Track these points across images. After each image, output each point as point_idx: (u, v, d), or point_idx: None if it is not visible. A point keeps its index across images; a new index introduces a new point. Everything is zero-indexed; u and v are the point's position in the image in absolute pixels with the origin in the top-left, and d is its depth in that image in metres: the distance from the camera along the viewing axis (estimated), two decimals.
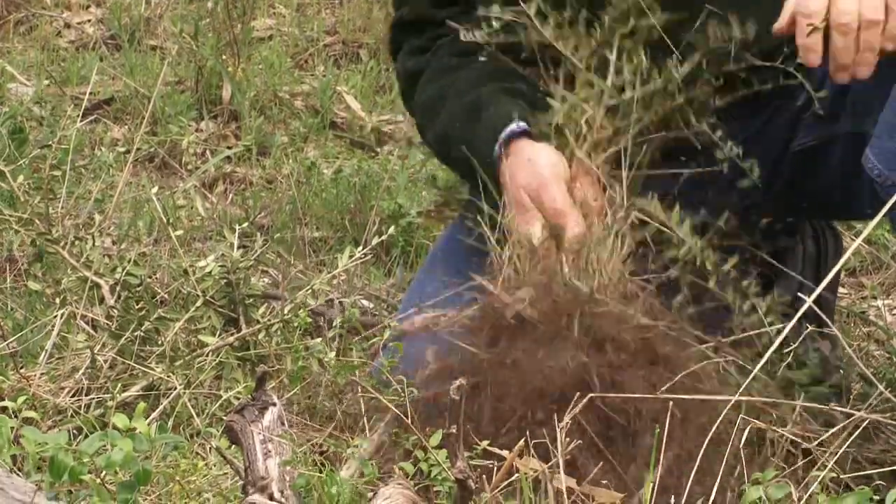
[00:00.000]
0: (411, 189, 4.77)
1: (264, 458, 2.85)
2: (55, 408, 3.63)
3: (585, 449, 3.39)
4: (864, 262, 4.02)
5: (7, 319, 3.87)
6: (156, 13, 6.53)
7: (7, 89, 5.31)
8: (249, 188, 5.19)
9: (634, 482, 3.36)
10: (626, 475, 3.47)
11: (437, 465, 3.09)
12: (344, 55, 6.25)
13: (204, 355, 3.86)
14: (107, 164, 4.58)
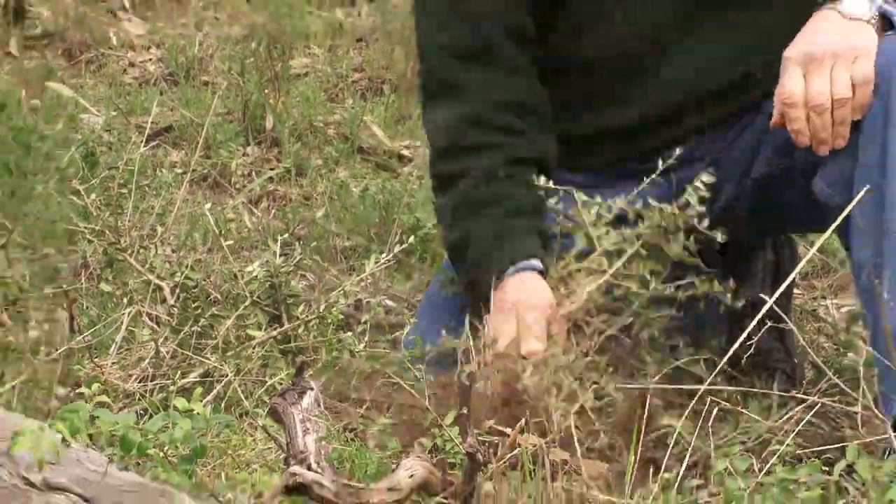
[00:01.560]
0: (427, 205, 4.75)
1: (303, 435, 2.85)
2: (124, 392, 3.70)
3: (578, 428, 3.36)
4: (816, 267, 4.06)
5: (83, 317, 3.91)
6: (207, 53, 6.54)
7: (80, 119, 5.35)
8: (289, 204, 5.19)
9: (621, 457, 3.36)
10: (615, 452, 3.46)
11: (450, 441, 3.11)
12: (369, 89, 6.24)
13: (251, 347, 3.92)
14: (166, 184, 4.64)
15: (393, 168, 5.21)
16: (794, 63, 3.53)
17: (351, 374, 3.79)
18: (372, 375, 3.81)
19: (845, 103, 3.49)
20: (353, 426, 3.55)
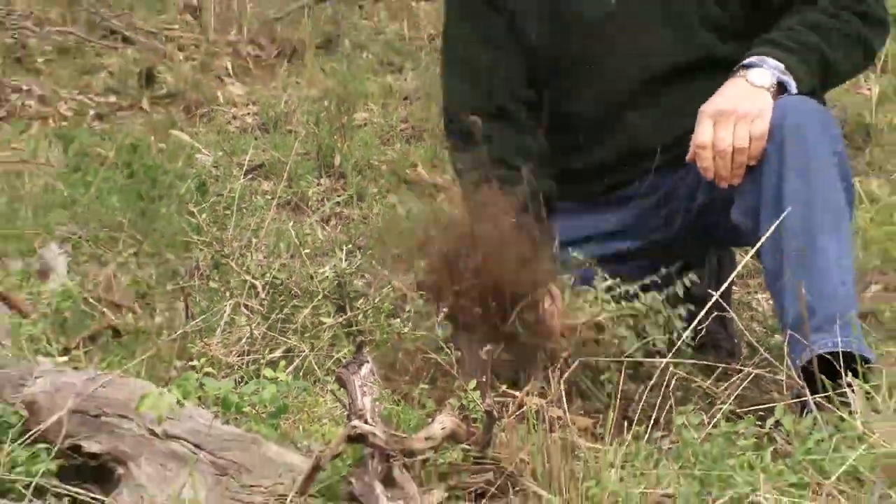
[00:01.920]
0: None
1: (361, 397, 2.82)
2: (226, 364, 3.68)
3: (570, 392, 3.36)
4: (749, 269, 4.06)
5: (195, 307, 3.90)
6: (291, 109, 6.53)
7: (195, 158, 5.35)
8: (351, 222, 5.18)
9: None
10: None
11: (473, 402, 3.04)
12: (413, 136, 6.23)
13: (323, 330, 3.88)
14: (259, 207, 4.61)
15: (430, 195, 5.20)
16: (707, 115, 3.52)
17: (398, 350, 3.78)
18: (414, 352, 3.79)
19: (743, 152, 3.49)
20: (400, 390, 3.51)
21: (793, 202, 3.43)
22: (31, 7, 8.01)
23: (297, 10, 7.88)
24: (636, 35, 3.78)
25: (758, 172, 3.51)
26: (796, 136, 3.48)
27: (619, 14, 3.77)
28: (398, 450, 2.75)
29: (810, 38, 3.59)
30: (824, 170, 3.49)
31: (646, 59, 3.79)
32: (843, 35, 3.62)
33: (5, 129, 6.47)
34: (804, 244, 3.42)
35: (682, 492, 2.78)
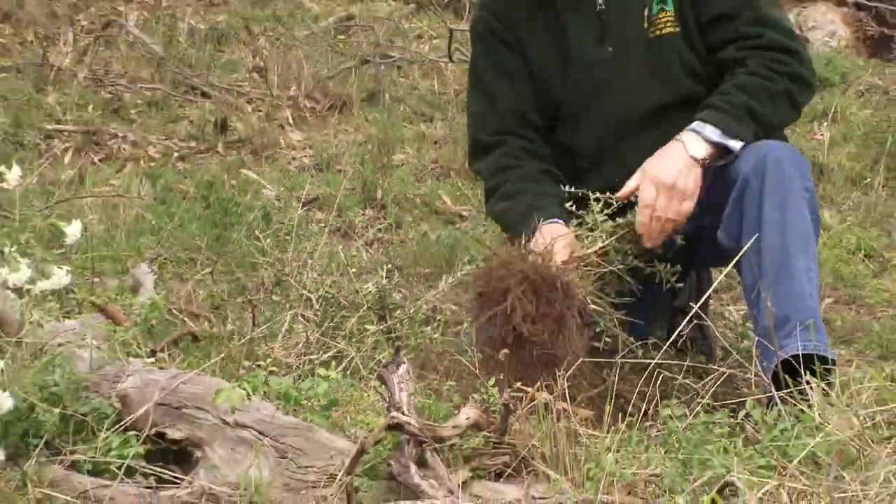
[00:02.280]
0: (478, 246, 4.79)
1: (399, 392, 2.82)
2: (286, 364, 3.68)
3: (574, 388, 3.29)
4: (723, 285, 4.03)
5: (261, 317, 3.91)
6: (340, 151, 6.53)
7: (261, 193, 5.35)
8: (391, 246, 5.19)
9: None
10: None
11: (492, 396, 3.05)
12: (441, 174, 6.23)
13: (367, 336, 3.88)
14: (314, 233, 4.60)
15: (456, 224, 5.19)
16: (650, 181, 3.55)
17: (429, 353, 3.77)
18: (443, 354, 3.78)
19: (671, 223, 3.55)
20: (431, 387, 3.50)
21: (770, 228, 3.47)
22: (125, 67, 8.03)
23: (346, 70, 7.88)
24: (627, 78, 3.78)
25: (741, 202, 3.54)
26: (774, 174, 3.51)
27: (614, 61, 3.78)
28: (430, 436, 2.75)
29: (742, 99, 3.61)
30: (796, 202, 3.51)
31: (635, 98, 3.79)
32: (771, 93, 3.63)
33: (104, 169, 6.47)
34: (779, 263, 3.44)
35: (668, 472, 2.80)
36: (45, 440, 2.83)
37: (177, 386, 2.97)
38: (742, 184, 3.55)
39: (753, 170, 3.53)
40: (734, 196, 3.57)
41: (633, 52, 3.78)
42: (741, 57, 3.68)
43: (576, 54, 3.81)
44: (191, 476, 2.83)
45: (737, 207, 3.56)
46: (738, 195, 3.56)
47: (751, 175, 3.53)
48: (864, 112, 7.03)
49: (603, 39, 3.78)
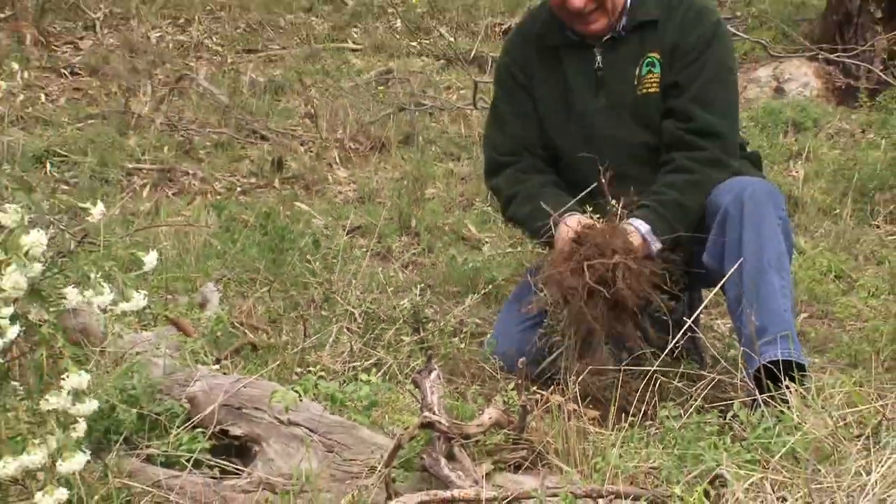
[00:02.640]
0: (498, 267, 4.79)
1: (431, 395, 2.82)
2: (333, 370, 3.66)
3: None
4: (712, 302, 4.01)
5: (311, 329, 3.89)
6: (380, 186, 6.53)
7: (312, 222, 5.33)
8: (423, 268, 5.18)
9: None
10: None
11: (512, 399, 3.06)
12: (467, 206, 6.20)
13: (403, 346, 3.87)
14: (357, 257, 4.60)
15: (480, 248, 5.18)
16: None
17: (457, 361, 3.77)
18: (469, 362, 3.78)
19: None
20: (459, 391, 3.49)
21: (748, 251, 3.49)
22: (195, 114, 8.05)
23: (385, 116, 7.88)
24: (618, 126, 3.82)
25: (723, 230, 3.57)
26: (751, 205, 3.54)
27: (607, 111, 3.83)
28: (457, 434, 2.75)
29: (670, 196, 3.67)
30: (771, 228, 3.54)
31: (624, 142, 3.81)
32: (692, 184, 3.69)
33: (177, 202, 6.48)
34: (757, 283, 3.46)
35: (666, 465, 2.80)
36: (124, 436, 2.85)
37: (238, 389, 2.98)
38: (723, 214, 3.58)
39: (733, 202, 3.56)
40: (717, 224, 3.60)
41: (623, 105, 3.82)
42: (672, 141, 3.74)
43: (576, 103, 3.85)
44: (250, 468, 2.84)
45: (719, 234, 3.59)
46: (720, 223, 3.59)
47: (731, 206, 3.56)
48: (834, 152, 7.03)
49: (598, 93, 3.84)
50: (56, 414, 2.09)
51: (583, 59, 3.84)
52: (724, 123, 3.76)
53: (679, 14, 3.77)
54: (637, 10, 3.79)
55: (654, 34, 3.78)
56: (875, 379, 3.49)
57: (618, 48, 3.81)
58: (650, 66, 3.78)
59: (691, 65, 3.74)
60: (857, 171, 6.30)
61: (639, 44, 3.79)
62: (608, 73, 3.82)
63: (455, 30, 10.50)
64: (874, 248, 5.59)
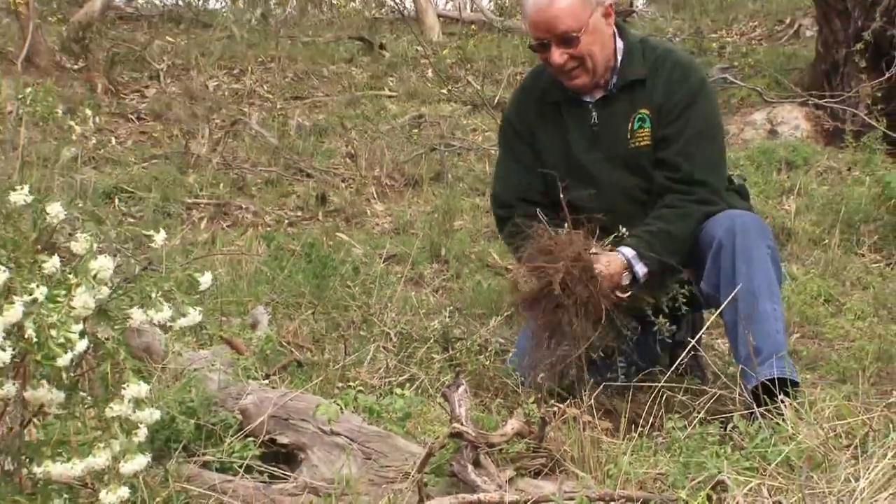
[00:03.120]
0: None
1: (459, 407, 2.78)
2: (370, 385, 3.65)
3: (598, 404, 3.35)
4: (713, 323, 3.98)
5: (351, 348, 3.88)
6: (413, 218, 6.52)
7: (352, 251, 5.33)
8: (452, 292, 5.17)
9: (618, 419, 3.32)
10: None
11: (532, 411, 3.01)
12: (491, 237, 6.18)
13: (434, 363, 3.85)
14: (392, 282, 4.59)
15: (503, 275, 5.17)
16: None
17: (483, 376, 3.76)
18: (493, 377, 3.78)
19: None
20: (484, 403, 3.48)
21: (742, 279, 3.46)
22: (248, 154, 8.09)
23: (418, 156, 7.90)
24: (613, 172, 3.76)
25: (718, 260, 3.53)
26: (742, 236, 3.52)
27: (603, 163, 3.76)
28: (483, 443, 2.73)
29: (658, 226, 3.62)
30: (761, 257, 3.51)
31: (620, 185, 3.76)
32: (681, 216, 3.63)
33: (231, 233, 6.51)
34: (750, 307, 3.43)
35: (672, 472, 2.77)
36: (183, 445, 2.85)
37: (285, 402, 2.97)
38: (717, 245, 3.54)
39: (725, 234, 3.53)
40: (711, 255, 3.57)
41: (617, 157, 3.76)
42: (663, 188, 3.69)
43: (575, 154, 3.80)
44: (296, 473, 2.83)
45: (714, 264, 3.56)
46: (714, 255, 3.56)
47: (723, 238, 3.53)
48: (823, 188, 7.01)
49: (595, 146, 3.78)
50: (119, 420, 2.09)
51: (580, 115, 3.79)
52: (709, 173, 3.70)
53: (665, 72, 3.72)
54: (626, 70, 3.73)
55: (643, 92, 3.72)
56: (862, 393, 3.46)
57: (611, 106, 3.76)
58: (641, 122, 3.72)
59: (677, 120, 3.68)
60: (843, 205, 6.29)
61: (629, 101, 3.74)
62: (603, 128, 3.76)
63: (481, 78, 10.54)
64: (860, 274, 5.57)
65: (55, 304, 2.03)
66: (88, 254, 2.11)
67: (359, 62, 11.52)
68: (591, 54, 3.64)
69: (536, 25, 3.63)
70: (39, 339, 2.00)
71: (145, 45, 10.93)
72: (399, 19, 14.60)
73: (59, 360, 2.00)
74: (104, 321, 2.14)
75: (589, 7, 3.62)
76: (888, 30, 8.37)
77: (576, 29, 3.59)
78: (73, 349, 2.01)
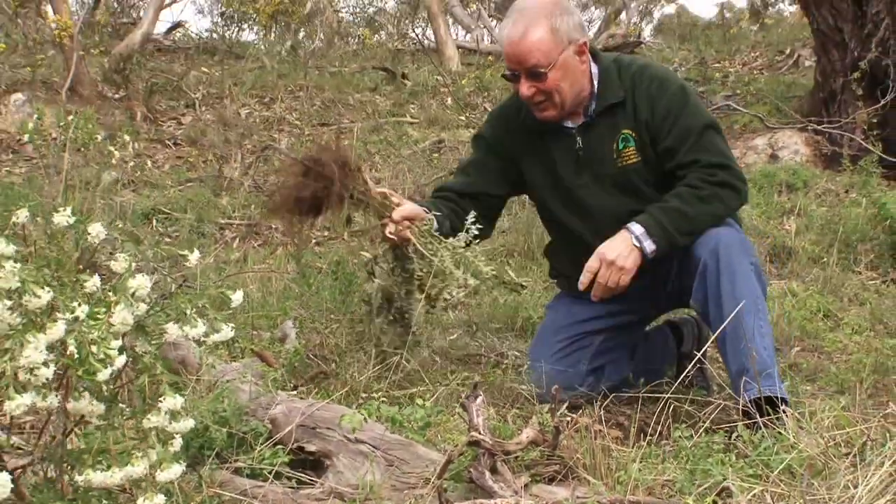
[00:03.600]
0: (534, 307, 4.76)
1: (477, 417, 2.76)
2: (392, 396, 3.61)
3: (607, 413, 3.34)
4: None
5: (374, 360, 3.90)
6: None
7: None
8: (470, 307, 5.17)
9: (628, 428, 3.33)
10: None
11: (546, 420, 3.02)
12: (507, 254, 6.16)
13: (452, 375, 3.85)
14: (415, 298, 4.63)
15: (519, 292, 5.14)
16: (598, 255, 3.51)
17: (499, 387, 3.73)
18: (509, 389, 3.76)
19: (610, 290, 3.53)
20: (500, 413, 3.48)
21: (726, 296, 3.38)
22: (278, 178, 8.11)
23: (438, 178, 7.89)
24: (602, 195, 3.69)
25: (704, 279, 3.45)
26: (726, 255, 3.43)
27: (590, 186, 3.69)
28: (500, 451, 2.72)
29: (674, 203, 3.50)
30: (745, 274, 3.41)
31: (609, 208, 3.67)
32: (699, 198, 3.50)
33: (262, 252, 6.53)
34: (735, 325, 3.33)
35: (679, 479, 2.76)
36: (215, 452, 2.84)
37: (313, 412, 2.97)
38: (703, 265, 3.45)
39: (710, 253, 3.44)
40: (698, 275, 3.47)
41: (605, 178, 3.68)
42: (682, 175, 3.56)
43: (563, 180, 3.73)
44: (322, 479, 2.82)
45: (701, 283, 3.46)
46: (700, 273, 3.46)
47: (708, 258, 3.44)
48: (821, 209, 7.00)
49: (581, 171, 3.70)
50: (156, 431, 2.10)
51: (565, 142, 3.70)
52: (725, 157, 3.59)
53: (643, 89, 3.62)
54: (605, 93, 3.63)
55: (624, 112, 3.62)
56: (860, 404, 3.43)
57: (593, 130, 3.67)
58: (625, 142, 3.63)
59: (674, 128, 3.57)
60: (841, 225, 6.28)
61: (612, 124, 3.64)
62: (588, 153, 3.68)
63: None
64: (857, 291, 5.56)
65: (96, 321, 2.04)
66: (127, 272, 2.12)
67: (382, 91, 11.55)
68: (558, 90, 3.54)
69: (508, 57, 3.55)
70: (81, 355, 2.00)
71: (182, 76, 10.99)
72: (420, 51, 14.65)
73: (100, 375, 2.00)
74: (142, 337, 2.15)
75: (560, 45, 3.50)
76: (883, 60, 8.39)
77: (544, 65, 3.49)
78: (112, 364, 2.02)
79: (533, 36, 3.47)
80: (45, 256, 2.11)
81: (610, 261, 3.46)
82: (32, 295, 1.98)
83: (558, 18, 3.50)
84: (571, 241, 3.79)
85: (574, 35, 3.53)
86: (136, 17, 14.39)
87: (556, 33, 3.49)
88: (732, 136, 8.92)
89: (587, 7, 21.74)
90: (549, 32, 3.48)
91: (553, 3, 3.53)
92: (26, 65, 10.17)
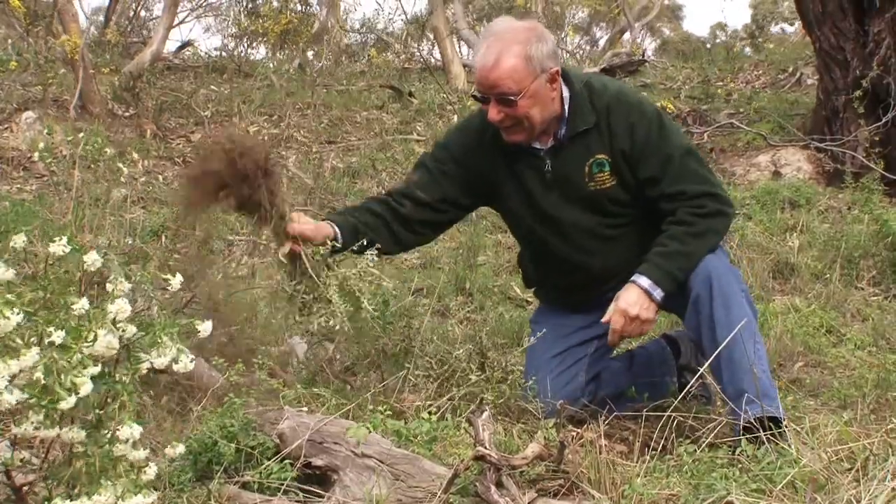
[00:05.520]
0: None
1: (483, 432, 2.76)
2: (400, 411, 3.61)
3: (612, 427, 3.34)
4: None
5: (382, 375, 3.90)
6: (440, 254, 6.53)
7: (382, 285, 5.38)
8: (476, 323, 5.13)
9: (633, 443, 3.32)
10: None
11: (552, 435, 3.06)
12: (513, 271, 6.16)
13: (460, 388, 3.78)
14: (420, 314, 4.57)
15: (524, 307, 5.16)
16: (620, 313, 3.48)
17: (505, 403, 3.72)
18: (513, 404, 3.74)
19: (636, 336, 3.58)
20: (506, 428, 3.47)
21: (719, 323, 3.38)
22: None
23: None
24: (572, 212, 3.66)
25: (697, 307, 3.45)
26: (718, 283, 3.42)
27: (562, 203, 3.65)
28: (505, 465, 2.73)
29: (671, 247, 3.49)
30: (737, 301, 3.42)
31: (581, 224, 3.66)
32: (693, 235, 3.49)
33: (269, 268, 6.53)
34: (729, 350, 3.32)
35: (683, 493, 2.76)
36: (224, 466, 2.85)
37: (320, 427, 2.97)
38: (695, 295, 3.45)
39: (702, 283, 3.43)
40: (691, 304, 3.47)
41: (574, 201, 3.65)
42: (672, 209, 3.56)
43: (536, 202, 3.70)
44: (330, 493, 2.82)
45: (693, 311, 3.46)
46: (693, 302, 3.46)
47: (701, 288, 3.43)
48: (824, 226, 7.01)
49: (551, 192, 3.66)
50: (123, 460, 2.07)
51: (534, 163, 3.65)
52: (708, 184, 3.57)
53: (621, 117, 3.57)
54: (575, 119, 3.58)
55: (598, 138, 3.58)
56: (862, 419, 3.44)
57: (563, 153, 3.62)
58: (600, 167, 3.59)
59: (654, 156, 3.54)
60: (843, 241, 6.27)
61: (583, 147, 3.60)
62: (556, 175, 3.63)
63: None
64: (859, 306, 5.55)
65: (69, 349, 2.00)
66: (110, 296, 2.10)
67: (389, 109, 11.58)
68: (528, 116, 3.49)
69: (479, 81, 3.49)
70: (47, 383, 1.97)
71: (191, 94, 11.03)
72: (427, 69, 14.68)
73: (62, 404, 1.97)
74: (124, 362, 2.12)
75: (532, 74, 3.43)
76: (884, 78, 8.40)
77: (515, 93, 3.42)
78: (77, 393, 1.97)
79: (506, 63, 3.41)
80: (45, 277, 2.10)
81: (633, 316, 3.46)
82: (1, 316, 1.95)
83: (533, 46, 3.43)
84: (544, 252, 3.80)
85: (547, 63, 3.46)
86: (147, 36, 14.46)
87: (529, 62, 3.42)
88: (736, 154, 8.93)
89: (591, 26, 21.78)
90: (522, 60, 3.42)
91: (528, 29, 3.47)
92: (37, 83, 10.21)
